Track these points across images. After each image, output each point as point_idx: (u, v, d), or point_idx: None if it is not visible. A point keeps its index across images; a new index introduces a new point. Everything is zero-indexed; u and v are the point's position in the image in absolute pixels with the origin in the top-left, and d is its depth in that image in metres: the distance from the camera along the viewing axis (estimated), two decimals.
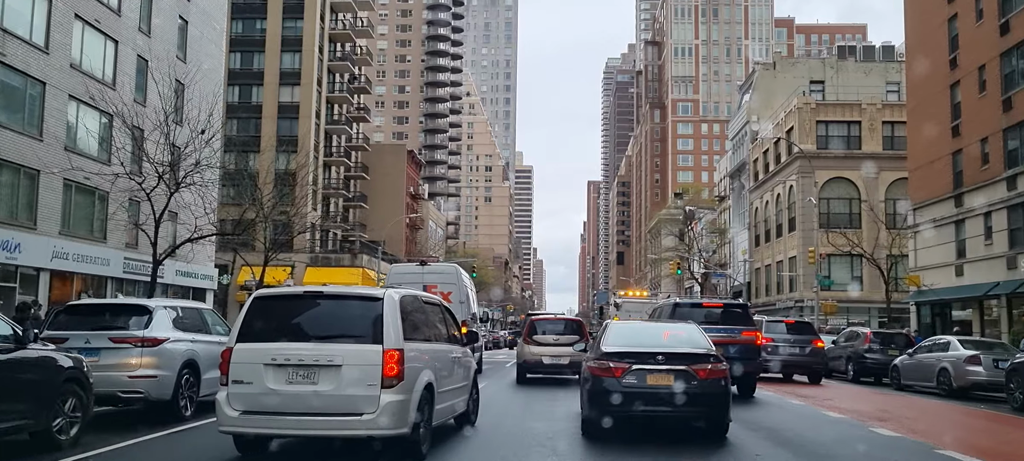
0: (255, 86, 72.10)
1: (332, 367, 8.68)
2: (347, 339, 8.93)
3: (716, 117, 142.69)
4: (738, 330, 18.70)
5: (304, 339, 9.02)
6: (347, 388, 8.65)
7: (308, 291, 9.93)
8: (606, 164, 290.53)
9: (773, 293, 64.23)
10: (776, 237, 63.76)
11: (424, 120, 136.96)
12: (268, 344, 8.90)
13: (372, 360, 8.67)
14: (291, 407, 8.68)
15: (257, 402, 8.76)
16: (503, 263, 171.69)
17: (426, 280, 21.43)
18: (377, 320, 8.90)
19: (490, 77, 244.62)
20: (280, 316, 9.39)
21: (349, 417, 8.63)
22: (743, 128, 75.30)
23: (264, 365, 8.76)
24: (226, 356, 9.07)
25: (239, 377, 8.89)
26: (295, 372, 8.73)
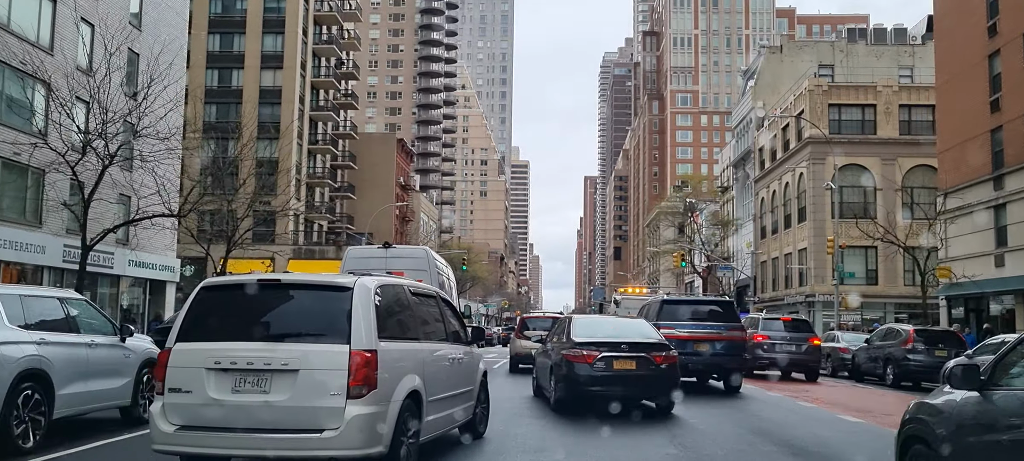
0: (235, 69, 68.12)
1: (287, 372, 7.06)
2: (307, 338, 7.30)
3: (716, 109, 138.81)
4: (724, 327, 18.84)
5: (255, 338, 7.36)
6: (305, 398, 7.01)
7: (264, 279, 8.04)
8: (603, 159, 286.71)
9: (781, 287, 60.35)
10: (784, 228, 59.88)
11: (417, 111, 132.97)
12: (212, 344, 7.31)
13: (336, 364, 7.05)
14: (237, 421, 7.04)
15: (197, 415, 7.19)
16: (499, 258, 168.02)
17: (391, 266, 17.54)
18: (345, 315, 7.26)
19: (486, 70, 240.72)
20: (229, 310, 7.74)
21: (307, 435, 6.96)
22: (748, 115, 71.39)
23: (206, 370, 7.19)
24: (163, 359, 7.47)
25: (177, 384, 7.27)
26: (242, 378, 7.13)
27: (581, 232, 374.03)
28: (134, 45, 35.34)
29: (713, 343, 18.33)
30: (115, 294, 35.57)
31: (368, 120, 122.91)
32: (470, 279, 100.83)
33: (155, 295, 37.30)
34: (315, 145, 72.03)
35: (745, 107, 73.40)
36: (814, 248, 53.85)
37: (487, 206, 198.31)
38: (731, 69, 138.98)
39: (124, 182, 31.35)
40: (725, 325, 18.95)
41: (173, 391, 7.25)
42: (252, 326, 7.53)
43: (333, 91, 75.99)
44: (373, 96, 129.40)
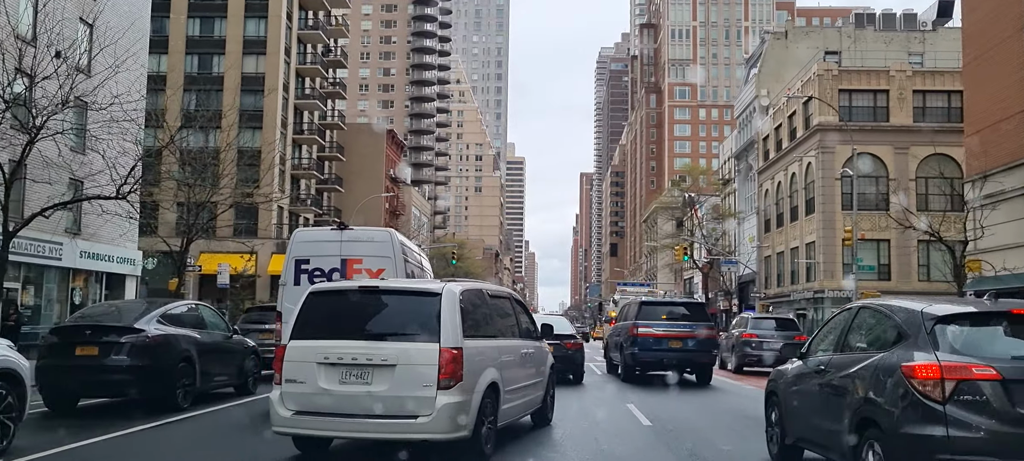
0: (216, 55, 64.79)
1: (386, 367, 8.28)
2: (403, 337, 8.57)
3: (715, 102, 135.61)
4: (697, 326, 20.73)
5: (359, 337, 8.60)
6: (402, 389, 8.24)
7: (364, 286, 9.36)
8: (599, 155, 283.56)
9: (787, 283, 57.22)
10: (791, 221, 56.76)
11: (410, 104, 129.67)
12: (321, 341, 8.54)
13: (428, 359, 8.26)
14: (344, 408, 8.31)
15: (310, 402, 8.44)
16: (494, 255, 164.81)
17: (347, 252, 14.48)
18: (435, 317, 8.49)
19: (481, 65, 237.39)
20: (334, 313, 8.94)
21: (404, 420, 8.18)
22: (751, 104, 68.23)
23: (317, 364, 8.43)
24: (280, 354, 8.77)
25: (292, 376, 8.58)
26: (348, 372, 8.39)
27: (577, 229, 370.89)
28: (87, 16, 32.01)
29: (685, 340, 20.36)
30: (64, 288, 32.23)
31: (360, 113, 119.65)
32: (463, 275, 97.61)
33: (113, 290, 33.97)
34: (301, 135, 68.76)
35: (748, 96, 70.27)
36: (823, 241, 50.76)
37: (482, 202, 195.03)
38: (730, 62, 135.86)
39: (77, 164, 28.18)
40: (697, 324, 20.83)
41: (289, 382, 8.50)
42: (355, 326, 8.71)
43: (319, 79, 72.71)
44: (365, 88, 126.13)
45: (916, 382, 6.51)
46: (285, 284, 14.47)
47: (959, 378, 6.39)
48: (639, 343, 20.48)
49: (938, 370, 6.46)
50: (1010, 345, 6.81)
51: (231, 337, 15.90)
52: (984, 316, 7.14)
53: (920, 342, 6.82)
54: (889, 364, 6.95)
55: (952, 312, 7.05)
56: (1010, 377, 6.36)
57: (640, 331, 20.47)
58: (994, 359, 6.52)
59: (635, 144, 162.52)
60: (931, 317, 6.94)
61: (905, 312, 7.38)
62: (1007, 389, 6.34)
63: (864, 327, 8.18)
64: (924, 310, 7.10)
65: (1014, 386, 6.34)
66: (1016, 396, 6.32)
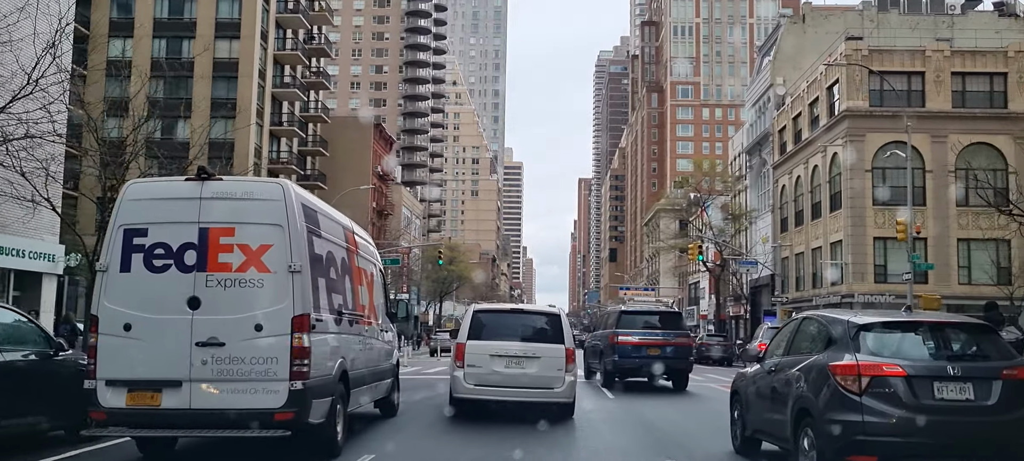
0: (186, 39, 59.25)
1: (535, 358, 13.74)
2: (543, 340, 14.01)
3: (718, 101, 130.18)
4: (673, 334, 22.11)
5: (515, 339, 13.94)
6: (545, 371, 13.71)
7: (515, 308, 17.72)
8: (598, 159, 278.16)
9: (807, 286, 51.68)
10: (812, 218, 51.28)
11: (403, 102, 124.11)
12: (490, 342, 13.76)
13: (559, 354, 13.83)
14: (508, 382, 13.62)
15: (485, 379, 13.60)
16: (490, 260, 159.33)
17: (208, 216, 8.83)
18: (560, 328, 14.18)
19: (478, 68, 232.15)
20: (494, 323, 14.40)
21: (545, 390, 13.74)
22: (765, 93, 62.79)
23: (490, 355, 13.65)
24: (461, 349, 13.74)
25: (472, 363, 13.59)
26: (511, 361, 13.68)
27: (575, 235, 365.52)
28: None
29: (664, 348, 21.43)
30: None
31: (351, 111, 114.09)
32: (456, 279, 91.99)
33: (28, 291, 28.28)
34: (279, 126, 63.24)
35: (761, 86, 64.81)
36: (852, 240, 45.28)
37: (478, 206, 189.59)
38: (734, 60, 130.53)
39: None
40: (674, 332, 22.01)
41: (470, 366, 13.58)
42: (511, 333, 14.17)
43: (301, 67, 67.21)
44: (356, 85, 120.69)
45: (839, 378, 8.15)
46: (106, 270, 8.93)
47: (873, 375, 8.05)
48: (619, 351, 21.37)
49: (856, 368, 8.09)
50: (916, 347, 8.55)
51: (53, 357, 10.99)
52: (898, 324, 9.14)
53: (846, 345, 8.46)
54: (821, 364, 8.56)
55: (872, 321, 8.81)
56: (913, 373, 8.07)
57: (620, 339, 21.37)
58: (901, 359, 8.21)
59: (636, 145, 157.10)
60: (855, 325, 8.62)
61: (838, 321, 9.03)
62: (910, 383, 8.03)
63: (807, 334, 9.77)
64: (850, 319, 8.84)
65: (916, 380, 8.05)
66: (918, 388, 8.02)
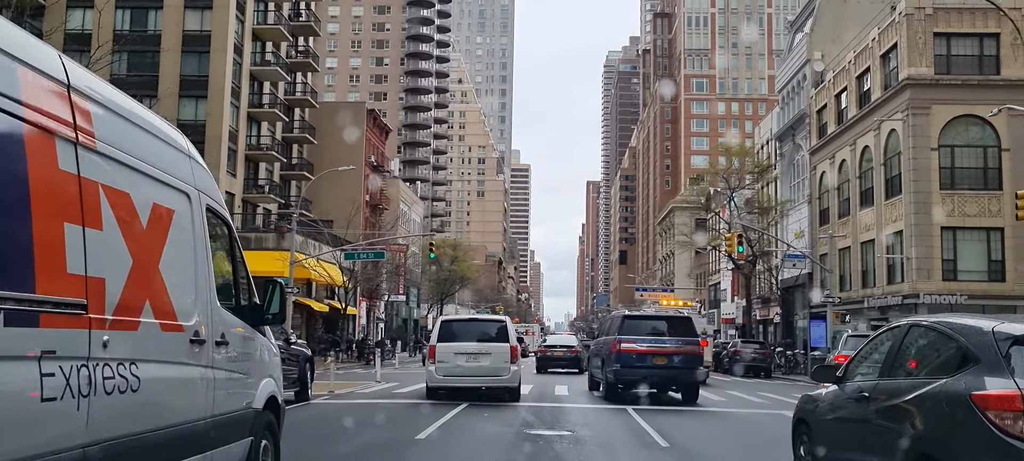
0: (152, 9, 52.48)
1: (488, 354, 18.26)
2: (494, 341, 18.54)
3: (735, 94, 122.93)
4: (682, 341, 19.83)
5: (473, 340, 18.57)
6: (496, 363, 18.23)
7: (470, 318, 24.55)
8: (607, 161, 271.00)
9: (855, 285, 44.59)
10: (862, 206, 44.27)
11: (404, 96, 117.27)
12: (454, 343, 18.32)
13: (506, 351, 18.33)
14: (469, 372, 18.24)
15: (451, 370, 18.16)
16: (496, 262, 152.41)
17: None
18: (505, 331, 18.94)
19: (485, 67, 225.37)
20: (455, 327, 19.36)
21: (497, 377, 18.28)
22: (799, 72, 55.69)
23: (454, 353, 18.14)
24: (433, 349, 18.53)
25: (441, 359, 18.20)
26: (470, 357, 18.22)
27: (583, 239, 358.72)
28: None
29: (671, 357, 19.61)
30: None
31: (343, 99, 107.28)
32: (458, 279, 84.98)
33: None
34: (259, 109, 56.39)
35: (794, 65, 57.69)
36: (916, 230, 38.20)
37: (484, 207, 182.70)
38: (751, 51, 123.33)
39: None
40: (683, 339, 19.97)
41: (440, 362, 18.06)
42: (469, 335, 18.64)
43: (285, 45, 60.38)
44: (356, 78, 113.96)
45: (991, 414, 5.33)
46: None
47: None
48: (622, 359, 19.56)
49: (1017, 398, 5.26)
50: None
51: None
52: None
53: (994, 365, 5.61)
54: (954, 392, 5.74)
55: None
56: None
57: (623, 347, 19.67)
58: None
59: (648, 142, 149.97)
60: (1006, 337, 5.71)
61: (975, 331, 6.05)
62: None
63: (920, 348, 6.94)
64: (996, 328, 5.85)
65: None
66: None
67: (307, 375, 17.64)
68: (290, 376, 15.81)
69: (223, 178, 51.65)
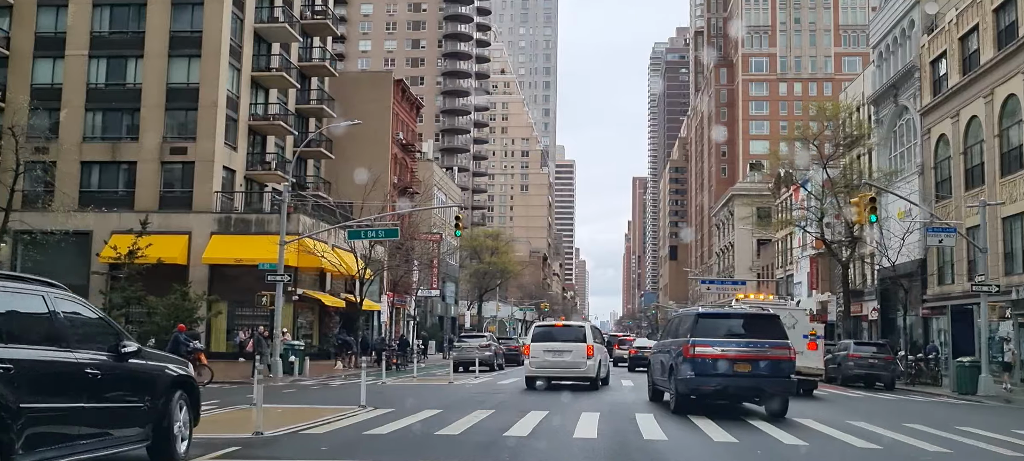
0: None
1: (569, 351, 23.42)
2: (574, 341, 23.81)
3: (798, 74, 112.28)
4: (769, 344, 16.60)
5: (557, 340, 23.90)
6: (576, 359, 23.31)
7: (555, 323, 27.80)
8: (654, 154, 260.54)
9: (998, 272, 34.55)
10: (1002, 175, 34.45)
11: (442, 80, 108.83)
12: (543, 343, 23.92)
13: (583, 349, 23.29)
14: (554, 365, 23.47)
15: (541, 364, 23.61)
16: (541, 258, 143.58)
17: None
18: (584, 334, 24.33)
19: (528, 59, 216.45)
20: (545, 332, 25.15)
21: (578, 370, 23.44)
22: (904, 18, 45.78)
23: (544, 350, 23.64)
24: (528, 348, 24.74)
25: (533, 356, 23.82)
26: (556, 353, 23.41)
27: (629, 236, 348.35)
28: None
29: (756, 362, 16.38)
30: None
31: (367, 70, 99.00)
32: (499, 273, 76.10)
33: None
34: (265, 72, 48.05)
35: (894, 13, 47.70)
36: None
37: (528, 202, 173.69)
38: (816, 27, 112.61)
39: None
40: (770, 342, 16.66)
41: (532, 358, 24.03)
42: (555, 337, 24.46)
43: (298, 2, 51.99)
44: (391, 62, 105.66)
45: None
46: None
47: None
48: (696, 366, 16.23)
49: None
50: None
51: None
52: None
53: None
54: None
55: None
56: None
57: (697, 351, 16.28)
58: None
59: (701, 130, 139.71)
60: None
61: None
62: None
63: None
64: None
65: None
66: None
67: (176, 413, 9.11)
68: (116, 423, 8.22)
69: (220, 152, 43.38)
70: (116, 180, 43.94)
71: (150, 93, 43.30)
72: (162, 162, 43.39)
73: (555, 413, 16.13)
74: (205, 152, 42.83)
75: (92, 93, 43.81)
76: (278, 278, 29.48)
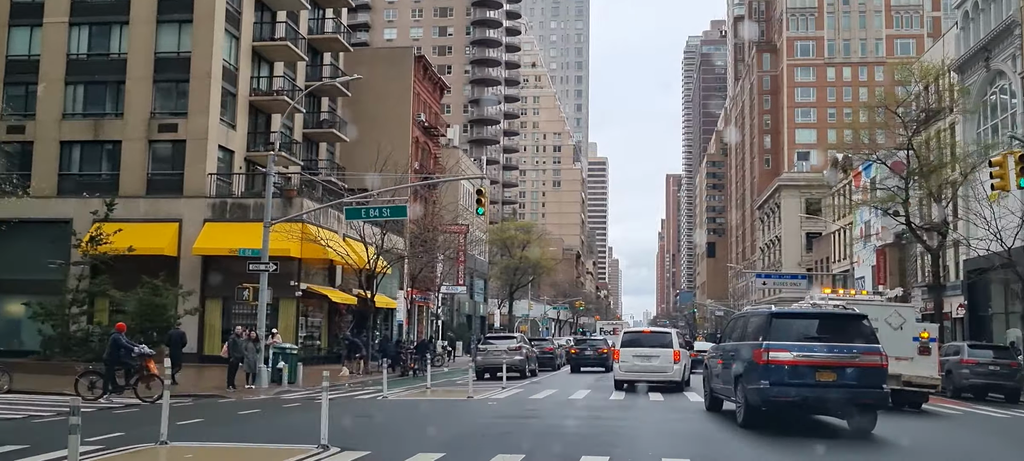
0: None
1: (656, 357, 24.63)
2: (661, 346, 25.21)
3: (846, 58, 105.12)
4: (857, 349, 14.14)
5: (644, 346, 25.28)
6: (663, 363, 24.56)
7: (642, 330, 29.26)
8: (689, 151, 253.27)
9: None
10: None
11: (470, 69, 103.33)
12: (631, 348, 25.26)
13: (670, 354, 24.74)
14: (642, 369, 24.55)
15: (629, 368, 24.78)
16: (575, 255, 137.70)
17: None
18: (670, 340, 26.12)
19: (560, 53, 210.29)
20: (633, 338, 26.55)
21: (664, 373, 24.55)
22: None
23: (632, 355, 24.87)
24: (617, 353, 26.01)
25: (623, 360, 25.00)
26: (644, 357, 24.66)
27: (662, 235, 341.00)
28: None
29: (842, 370, 13.92)
30: None
31: (389, 43, 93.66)
32: (531, 269, 70.33)
33: None
34: (267, 42, 42.62)
35: None
36: None
37: (561, 198, 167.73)
38: (866, 7, 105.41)
39: None
40: (858, 346, 14.17)
41: (622, 362, 25.06)
42: (642, 343, 25.69)
43: None
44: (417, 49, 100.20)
45: None
46: None
47: None
48: (771, 374, 13.78)
49: None
50: None
51: None
52: None
53: None
54: None
55: None
56: None
57: (772, 357, 13.86)
58: None
59: (741, 120, 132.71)
60: None
61: None
62: None
63: None
64: None
65: None
66: None
67: None
68: None
69: (215, 129, 38.04)
70: (99, 161, 38.86)
71: (136, 63, 38.11)
72: (150, 141, 38.19)
73: (615, 444, 10.42)
74: (197, 129, 37.54)
75: (73, 65, 38.73)
76: (262, 267, 23.96)
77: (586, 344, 40.95)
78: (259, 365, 23.43)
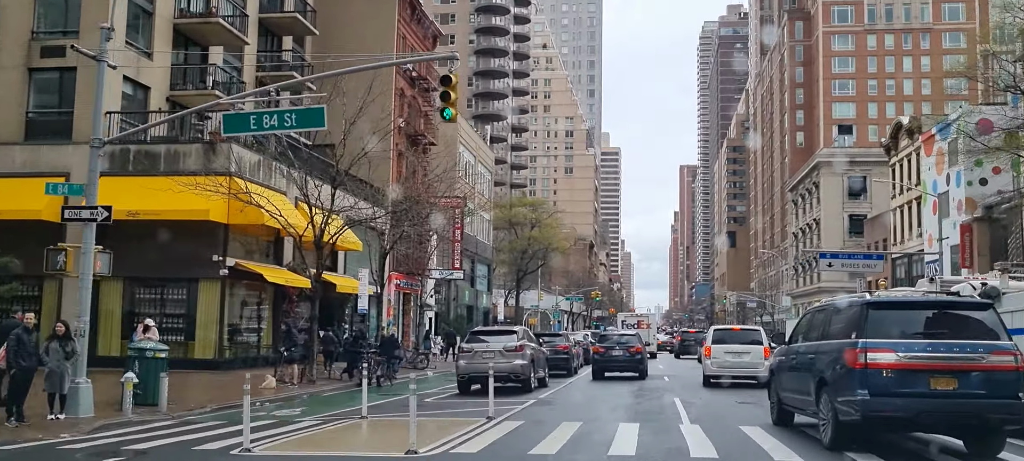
0: None
1: (747, 353, 24.59)
2: (751, 343, 25.11)
3: (889, 25, 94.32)
4: (981, 347, 10.59)
5: (734, 342, 25.23)
6: (754, 359, 24.14)
7: (730, 328, 29.79)
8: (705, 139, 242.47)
9: None
10: None
11: (475, 38, 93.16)
12: (722, 345, 25.23)
13: (759, 352, 24.54)
14: (732, 366, 24.70)
15: (720, 363, 24.80)
16: (588, 246, 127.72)
17: None
18: (759, 335, 25.97)
19: (571, 37, 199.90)
20: (722, 336, 26.22)
21: (753, 369, 23.88)
22: None
23: (724, 352, 24.94)
24: (708, 349, 25.57)
25: (714, 357, 24.98)
26: (735, 354, 24.71)
27: (676, 227, 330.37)
28: None
29: (964, 375, 10.42)
30: None
31: None
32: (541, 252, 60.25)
33: None
34: None
35: None
36: None
37: (573, 185, 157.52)
38: None
39: None
40: (984, 345, 10.61)
41: (713, 358, 25.02)
42: (731, 339, 25.65)
43: None
44: None
45: None
46: None
47: None
48: (871, 382, 10.45)
49: None
50: None
51: None
52: None
53: None
54: None
55: None
56: None
57: (872, 359, 10.54)
58: None
59: (768, 95, 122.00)
60: None
61: None
62: None
63: None
64: None
65: None
66: None
67: None
68: None
69: (119, 55, 27.91)
70: None
71: None
72: (30, 69, 28.25)
73: None
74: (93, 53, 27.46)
75: None
76: (86, 215, 13.93)
77: (613, 341, 30.35)
78: (70, 380, 13.44)
